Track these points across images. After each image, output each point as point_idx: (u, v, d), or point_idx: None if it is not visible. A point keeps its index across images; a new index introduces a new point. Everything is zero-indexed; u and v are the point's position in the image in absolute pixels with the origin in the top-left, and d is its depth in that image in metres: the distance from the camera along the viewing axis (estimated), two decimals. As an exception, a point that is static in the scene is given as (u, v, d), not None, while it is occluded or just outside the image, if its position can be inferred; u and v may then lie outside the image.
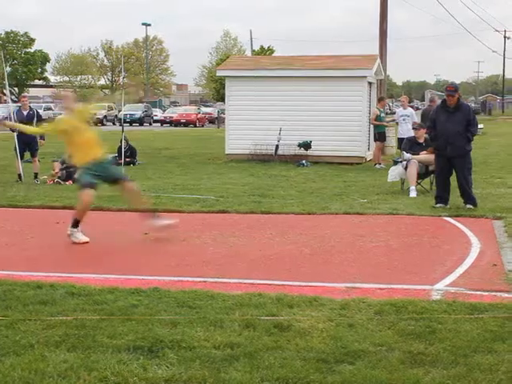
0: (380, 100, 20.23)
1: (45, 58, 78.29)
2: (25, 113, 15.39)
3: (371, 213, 10.57)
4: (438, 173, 11.30)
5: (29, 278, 6.65)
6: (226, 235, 8.98)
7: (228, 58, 30.26)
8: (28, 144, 15.42)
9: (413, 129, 14.91)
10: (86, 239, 8.53)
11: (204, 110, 64.97)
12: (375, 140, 19.33)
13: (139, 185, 14.17)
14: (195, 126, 54.28)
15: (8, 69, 71.35)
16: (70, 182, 14.71)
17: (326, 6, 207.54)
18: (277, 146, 19.81)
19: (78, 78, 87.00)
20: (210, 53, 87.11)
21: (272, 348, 4.69)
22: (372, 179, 15.19)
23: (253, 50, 70.52)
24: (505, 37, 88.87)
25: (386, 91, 28.94)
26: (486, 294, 6.14)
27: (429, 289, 6.32)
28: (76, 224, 8.54)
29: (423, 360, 4.49)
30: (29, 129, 10.49)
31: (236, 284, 6.51)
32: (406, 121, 18.57)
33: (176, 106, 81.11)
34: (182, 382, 4.17)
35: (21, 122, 15.12)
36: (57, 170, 15.18)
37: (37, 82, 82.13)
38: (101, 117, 57.67)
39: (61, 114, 9.96)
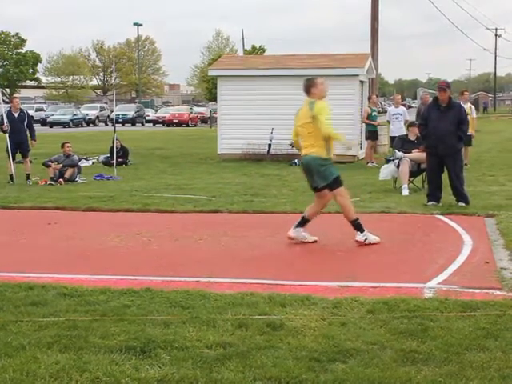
0: (370, 98, 20.23)
1: (36, 59, 78.05)
2: (15, 114, 15.33)
3: (363, 211, 10.57)
4: (429, 171, 11.32)
5: (20, 279, 6.62)
6: (219, 235, 8.97)
7: (220, 57, 30.23)
8: (19, 145, 15.38)
9: (408, 126, 14.92)
10: None
11: (196, 109, 64.93)
12: (366, 138, 19.36)
13: (132, 185, 14.20)
14: (188, 126, 54.26)
15: (-1, 69, 71.21)
16: (61, 180, 14.71)
17: (318, 5, 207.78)
18: (269, 146, 19.82)
19: (70, 79, 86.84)
20: (202, 52, 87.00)
21: (264, 347, 4.68)
22: (364, 178, 15.19)
23: (244, 50, 70.44)
24: (496, 35, 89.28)
25: (378, 90, 28.96)
26: (478, 291, 6.14)
27: (421, 287, 6.33)
28: None
29: (415, 358, 4.50)
30: None
31: (228, 283, 6.50)
32: (399, 119, 18.59)
33: (168, 105, 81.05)
34: (174, 382, 4.17)
35: (11, 123, 15.13)
36: (56, 166, 15.13)
37: (28, 82, 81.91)
38: (93, 117, 57.76)
39: None
